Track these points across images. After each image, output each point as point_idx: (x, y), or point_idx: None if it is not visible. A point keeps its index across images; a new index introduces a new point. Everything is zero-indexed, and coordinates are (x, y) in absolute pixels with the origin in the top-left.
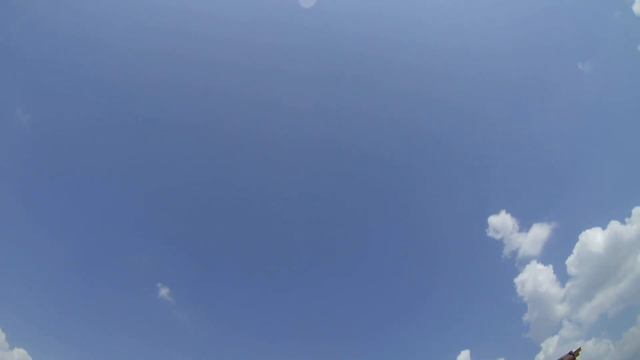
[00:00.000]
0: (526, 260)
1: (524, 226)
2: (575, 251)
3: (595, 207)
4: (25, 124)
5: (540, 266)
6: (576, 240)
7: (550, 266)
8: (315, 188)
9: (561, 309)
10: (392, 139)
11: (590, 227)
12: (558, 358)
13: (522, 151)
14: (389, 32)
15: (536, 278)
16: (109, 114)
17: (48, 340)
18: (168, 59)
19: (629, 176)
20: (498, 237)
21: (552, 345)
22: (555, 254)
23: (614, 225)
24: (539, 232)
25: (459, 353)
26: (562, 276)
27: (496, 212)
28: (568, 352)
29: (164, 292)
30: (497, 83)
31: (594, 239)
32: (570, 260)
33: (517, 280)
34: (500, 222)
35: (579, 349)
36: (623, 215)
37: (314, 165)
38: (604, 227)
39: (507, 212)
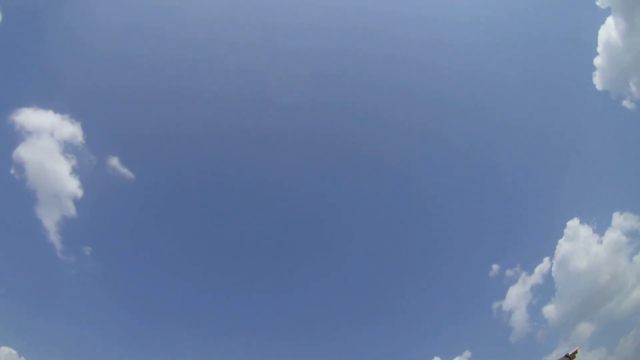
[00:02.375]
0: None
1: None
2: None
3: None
4: None
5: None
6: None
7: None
8: (307, 186)
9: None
10: (387, 136)
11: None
12: None
13: (519, 149)
14: (381, 25)
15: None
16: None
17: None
18: (154, 63)
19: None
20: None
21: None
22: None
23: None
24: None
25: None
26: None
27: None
28: (564, 354)
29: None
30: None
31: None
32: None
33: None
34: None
35: (576, 352)
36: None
37: (304, 163)
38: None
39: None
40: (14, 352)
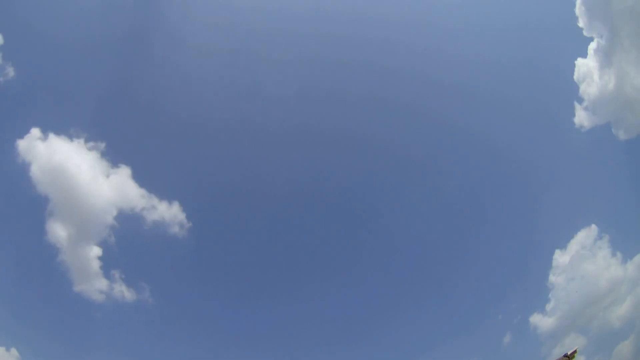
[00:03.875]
0: None
1: None
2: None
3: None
4: None
5: None
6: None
7: None
8: (314, 182)
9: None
10: (394, 125)
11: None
12: None
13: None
14: (376, 8)
15: None
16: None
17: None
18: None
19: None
20: None
21: None
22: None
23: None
24: None
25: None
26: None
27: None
28: (563, 354)
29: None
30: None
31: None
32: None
33: None
34: None
35: (575, 351)
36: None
37: (310, 158)
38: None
39: None
40: None
